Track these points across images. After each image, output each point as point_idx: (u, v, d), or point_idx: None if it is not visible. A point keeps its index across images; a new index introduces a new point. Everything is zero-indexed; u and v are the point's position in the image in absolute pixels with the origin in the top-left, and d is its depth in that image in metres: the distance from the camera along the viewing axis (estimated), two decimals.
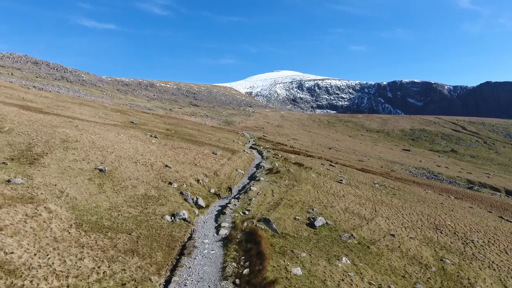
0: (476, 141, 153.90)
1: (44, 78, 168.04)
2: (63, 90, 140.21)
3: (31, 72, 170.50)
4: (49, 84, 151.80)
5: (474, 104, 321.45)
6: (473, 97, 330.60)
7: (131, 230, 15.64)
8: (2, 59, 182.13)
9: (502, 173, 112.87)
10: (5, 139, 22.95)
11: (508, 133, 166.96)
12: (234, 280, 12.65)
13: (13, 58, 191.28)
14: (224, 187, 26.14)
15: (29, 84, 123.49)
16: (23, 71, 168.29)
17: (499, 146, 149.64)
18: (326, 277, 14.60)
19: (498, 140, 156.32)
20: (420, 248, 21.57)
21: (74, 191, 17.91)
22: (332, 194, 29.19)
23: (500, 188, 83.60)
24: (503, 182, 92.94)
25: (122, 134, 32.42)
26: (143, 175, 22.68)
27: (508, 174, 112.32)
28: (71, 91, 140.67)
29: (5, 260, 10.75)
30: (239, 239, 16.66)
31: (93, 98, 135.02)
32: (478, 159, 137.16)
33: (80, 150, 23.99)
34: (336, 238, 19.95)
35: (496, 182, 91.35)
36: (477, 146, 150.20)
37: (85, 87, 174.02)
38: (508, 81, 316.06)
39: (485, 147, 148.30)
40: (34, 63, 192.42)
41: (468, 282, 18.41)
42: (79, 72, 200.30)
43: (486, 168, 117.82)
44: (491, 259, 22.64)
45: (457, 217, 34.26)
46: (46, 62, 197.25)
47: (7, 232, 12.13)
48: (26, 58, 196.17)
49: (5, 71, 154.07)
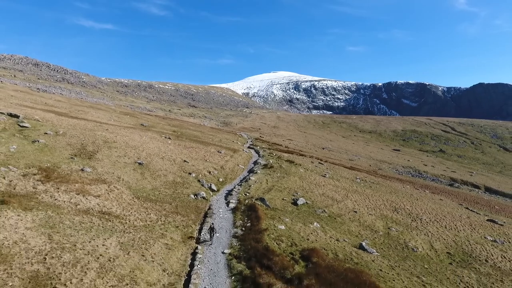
0: (464, 141, 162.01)
1: (46, 79, 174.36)
2: (65, 92, 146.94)
3: (33, 74, 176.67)
4: (51, 86, 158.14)
5: (467, 105, 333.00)
6: (466, 98, 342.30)
7: (171, 202, 23.76)
8: (3, 61, 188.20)
9: (485, 172, 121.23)
10: (64, 140, 30.91)
11: (495, 134, 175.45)
12: (241, 228, 20.83)
13: (14, 59, 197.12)
14: (230, 178, 34.29)
15: (33, 86, 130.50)
16: (24, 73, 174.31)
17: (485, 146, 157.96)
18: (300, 231, 22.77)
19: (485, 141, 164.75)
20: (375, 221, 29.87)
21: (126, 177, 25.99)
22: (314, 184, 37.45)
23: (480, 185, 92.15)
24: (484, 180, 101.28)
25: (144, 136, 40.43)
26: (169, 168, 30.79)
27: (491, 173, 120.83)
28: (73, 93, 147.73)
29: (108, 211, 18.82)
30: (243, 209, 24.82)
31: (95, 100, 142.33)
32: (464, 158, 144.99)
33: (119, 148, 32.03)
34: (312, 212, 28.16)
35: (478, 180, 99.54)
36: (464, 146, 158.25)
37: (86, 88, 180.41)
38: (500, 83, 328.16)
39: (472, 147, 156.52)
40: (35, 65, 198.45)
41: (403, 241, 26.69)
42: (79, 73, 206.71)
43: (471, 167, 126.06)
44: (430, 230, 30.96)
45: (417, 204, 42.46)
46: (47, 64, 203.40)
47: (103, 198, 20.20)
48: (27, 59, 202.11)
49: (8, 73, 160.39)
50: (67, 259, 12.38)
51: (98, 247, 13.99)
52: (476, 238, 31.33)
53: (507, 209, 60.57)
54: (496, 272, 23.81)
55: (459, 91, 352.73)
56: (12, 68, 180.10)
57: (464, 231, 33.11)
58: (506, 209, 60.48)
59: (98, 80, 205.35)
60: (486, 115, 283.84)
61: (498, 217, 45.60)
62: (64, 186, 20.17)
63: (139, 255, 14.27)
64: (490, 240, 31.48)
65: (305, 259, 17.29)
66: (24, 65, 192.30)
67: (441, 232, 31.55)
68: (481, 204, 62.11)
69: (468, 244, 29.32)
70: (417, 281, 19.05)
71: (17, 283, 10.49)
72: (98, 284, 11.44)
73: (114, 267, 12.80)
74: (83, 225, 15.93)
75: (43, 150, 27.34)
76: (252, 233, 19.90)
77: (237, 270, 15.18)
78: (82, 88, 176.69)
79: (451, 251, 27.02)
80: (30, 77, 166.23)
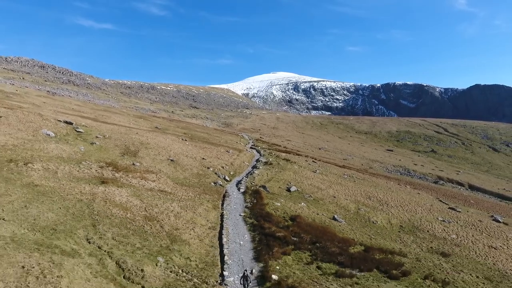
0: (455, 142, 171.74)
1: (53, 82, 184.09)
2: (73, 94, 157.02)
3: (40, 76, 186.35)
4: (59, 88, 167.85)
5: (464, 106, 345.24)
6: (463, 99, 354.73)
7: (198, 187, 34.23)
8: (10, 63, 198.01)
9: (472, 171, 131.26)
10: (111, 142, 41.32)
11: (486, 135, 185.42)
12: (250, 203, 31.38)
13: (20, 62, 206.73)
14: (238, 172, 44.69)
15: (42, 89, 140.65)
16: (32, 75, 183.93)
17: (476, 147, 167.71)
18: (291, 207, 33.20)
19: (475, 141, 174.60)
20: (349, 204, 40.35)
21: (165, 170, 36.45)
22: (305, 177, 47.96)
23: (465, 183, 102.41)
24: (469, 178, 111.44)
25: (167, 139, 50.87)
26: (193, 163, 41.28)
27: (477, 172, 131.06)
28: (80, 95, 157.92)
29: (164, 190, 29.18)
30: (250, 193, 35.29)
31: (102, 102, 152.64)
32: (454, 158, 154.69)
33: (153, 149, 42.49)
34: (301, 196, 38.61)
35: (463, 178, 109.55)
36: (455, 146, 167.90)
37: (91, 90, 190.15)
38: (496, 84, 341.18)
39: (463, 148, 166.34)
40: (41, 67, 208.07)
41: (368, 217, 37.14)
42: (83, 75, 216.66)
43: (459, 167, 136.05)
44: (391, 212, 41.42)
45: (390, 195, 52.73)
46: (52, 66, 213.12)
47: (156, 182, 30.58)
48: (33, 61, 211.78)
49: (16, 75, 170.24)
50: (157, 211, 22.80)
51: (168, 207, 24.41)
52: (428, 218, 41.72)
53: (480, 203, 70.84)
54: (430, 237, 34.29)
55: (456, 92, 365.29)
56: (19, 71, 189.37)
57: (421, 213, 43.49)
58: (480, 203, 70.72)
59: (102, 81, 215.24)
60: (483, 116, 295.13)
61: (465, 208, 55.54)
62: (131, 174, 30.61)
63: (192, 212, 24.71)
64: (440, 220, 41.87)
65: (292, 219, 27.76)
66: (31, 67, 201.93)
67: (401, 213, 42.02)
68: (458, 199, 72.14)
69: (419, 221, 39.73)
70: (366, 237, 29.52)
71: (140, 220, 20.91)
72: (178, 222, 21.86)
73: (181, 216, 23.21)
74: (154, 196, 26.36)
75: (100, 150, 37.76)
76: (257, 205, 30.35)
77: (249, 222, 25.65)
78: (87, 90, 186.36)
79: (403, 225, 37.50)
80: (38, 79, 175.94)
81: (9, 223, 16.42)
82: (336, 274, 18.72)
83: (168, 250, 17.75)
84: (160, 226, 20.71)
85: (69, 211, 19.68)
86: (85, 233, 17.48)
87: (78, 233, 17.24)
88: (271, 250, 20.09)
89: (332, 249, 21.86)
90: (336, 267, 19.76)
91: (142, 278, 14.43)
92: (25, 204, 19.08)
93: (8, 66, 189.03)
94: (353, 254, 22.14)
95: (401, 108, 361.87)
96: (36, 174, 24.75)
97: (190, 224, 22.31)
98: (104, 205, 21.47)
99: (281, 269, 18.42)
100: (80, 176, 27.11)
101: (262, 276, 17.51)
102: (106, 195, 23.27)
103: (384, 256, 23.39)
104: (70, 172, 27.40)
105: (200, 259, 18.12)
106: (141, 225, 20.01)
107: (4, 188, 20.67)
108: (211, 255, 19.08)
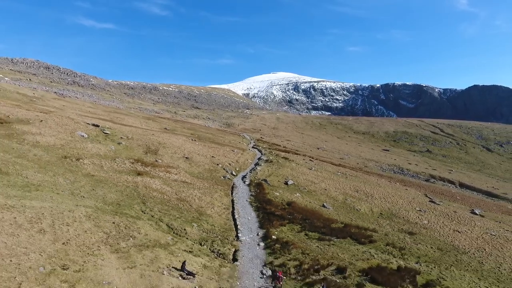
0: (450, 142, 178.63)
1: (58, 83, 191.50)
2: (79, 95, 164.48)
3: (46, 77, 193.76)
4: (65, 89, 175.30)
5: (462, 107, 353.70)
6: (461, 100, 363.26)
7: (211, 179, 41.90)
8: (16, 65, 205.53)
9: (465, 170, 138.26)
10: (134, 142, 48.97)
11: (481, 135, 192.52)
12: (254, 192, 39.13)
13: (26, 63, 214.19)
14: (243, 168, 52.32)
15: (50, 90, 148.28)
16: (38, 76, 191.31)
17: (470, 147, 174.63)
18: (288, 196, 40.84)
19: (470, 142, 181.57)
20: (338, 195, 47.98)
21: (182, 165, 44.04)
22: (301, 173, 55.63)
23: (456, 181, 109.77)
24: (460, 177, 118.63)
25: (179, 139, 58.54)
26: (204, 161, 48.95)
27: (470, 171, 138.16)
28: (85, 96, 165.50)
29: (185, 181, 36.86)
30: (254, 185, 42.95)
31: (107, 103, 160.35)
32: (448, 158, 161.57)
33: (170, 148, 50.14)
34: (296, 188, 46.25)
35: (455, 177, 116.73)
36: (450, 146, 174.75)
37: (95, 91, 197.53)
38: (495, 85, 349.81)
39: (457, 148, 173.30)
40: (46, 68, 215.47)
41: (353, 206, 44.77)
42: (87, 76, 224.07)
43: (453, 166, 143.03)
44: (375, 202, 49.05)
45: (377, 189, 60.21)
46: (57, 67, 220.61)
47: (178, 175, 38.26)
48: (38, 63, 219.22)
49: (23, 76, 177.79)
50: (184, 195, 30.49)
51: (192, 193, 32.09)
52: (407, 208, 49.30)
53: (466, 199, 78.22)
54: (404, 222, 41.92)
55: (455, 92, 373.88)
56: (26, 72, 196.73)
57: (401, 204, 51.06)
58: (466, 199, 78.11)
59: (106, 82, 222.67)
60: (481, 117, 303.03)
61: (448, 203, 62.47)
62: (157, 168, 38.28)
63: (210, 197, 32.40)
64: (417, 210, 49.40)
65: (288, 204, 35.48)
66: (37, 69, 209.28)
67: (383, 203, 49.65)
68: (445, 195, 79.36)
69: (398, 210, 47.34)
70: (348, 219, 37.15)
71: (174, 200, 28.57)
72: (201, 203, 29.55)
73: (203, 199, 30.92)
74: (179, 185, 34.02)
75: (127, 149, 45.42)
76: (260, 194, 38.05)
77: (254, 205, 33.45)
78: (92, 91, 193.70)
79: (383, 212, 45.16)
80: (44, 80, 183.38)
81: (89, 199, 24.04)
82: (318, 238, 26.31)
83: (198, 220, 25.37)
84: (189, 204, 28.37)
85: (123, 193, 27.34)
86: (139, 207, 25.12)
87: (135, 207, 24.88)
88: (271, 222, 27.78)
89: (317, 224, 29.47)
90: (319, 235, 27.35)
91: (185, 233, 22.05)
92: (92, 188, 26.74)
93: (15, 67, 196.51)
94: (334, 228, 29.74)
95: (401, 108, 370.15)
96: (88, 167, 32.43)
97: (210, 205, 29.95)
98: (146, 190, 29.15)
99: (278, 234, 26.07)
100: (120, 169, 34.80)
101: (265, 236, 25.26)
102: (145, 183, 30.95)
103: (358, 230, 30.98)
104: (111, 166, 35.09)
105: (221, 226, 25.79)
106: (176, 204, 27.67)
107: (73, 177, 28.32)
108: (228, 224, 26.78)
